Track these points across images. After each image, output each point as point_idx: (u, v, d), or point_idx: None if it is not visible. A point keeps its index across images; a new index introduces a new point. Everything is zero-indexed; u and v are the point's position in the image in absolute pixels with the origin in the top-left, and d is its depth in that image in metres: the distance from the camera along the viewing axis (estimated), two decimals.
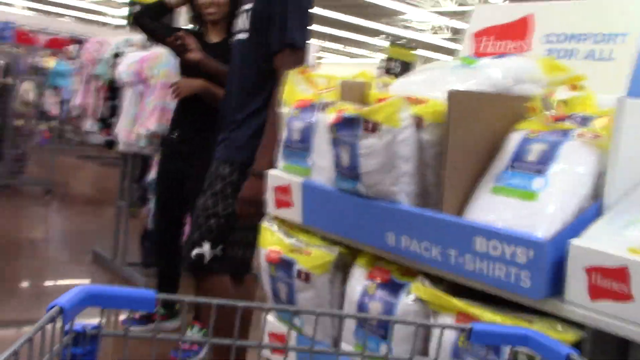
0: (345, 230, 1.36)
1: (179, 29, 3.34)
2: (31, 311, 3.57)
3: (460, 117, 1.22)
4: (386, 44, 29.17)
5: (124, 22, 4.78)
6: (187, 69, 3.07)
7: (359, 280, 1.33)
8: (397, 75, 8.69)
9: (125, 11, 6.52)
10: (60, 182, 7.57)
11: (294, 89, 1.53)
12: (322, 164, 1.39)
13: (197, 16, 3.09)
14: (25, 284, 4.37)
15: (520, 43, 1.91)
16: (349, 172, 1.29)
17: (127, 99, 4.43)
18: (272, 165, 2.11)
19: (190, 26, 3.39)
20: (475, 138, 1.25)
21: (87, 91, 5.45)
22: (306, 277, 1.38)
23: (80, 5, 22.51)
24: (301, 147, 1.45)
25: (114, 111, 4.61)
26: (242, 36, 2.29)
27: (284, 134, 1.52)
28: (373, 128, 1.23)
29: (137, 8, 4.02)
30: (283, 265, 1.42)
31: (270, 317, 1.56)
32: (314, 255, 1.38)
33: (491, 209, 1.17)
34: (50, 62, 7.64)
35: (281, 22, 2.11)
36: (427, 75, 1.40)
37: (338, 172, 1.33)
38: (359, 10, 23.21)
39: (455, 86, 1.27)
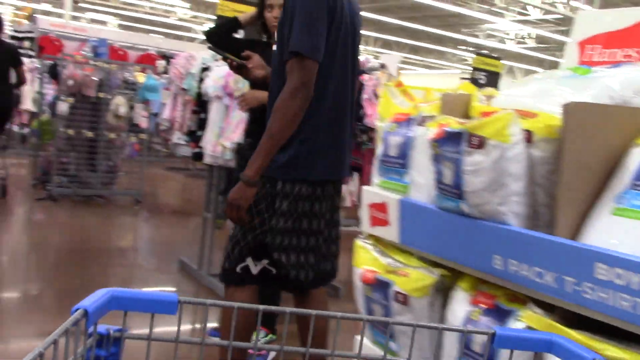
0: (446, 252, 1.29)
1: (250, 42, 3.38)
2: (119, 317, 3.67)
3: (576, 131, 1.12)
4: (466, 54, 28.68)
5: None
6: (255, 81, 3.12)
7: (461, 305, 1.25)
8: (483, 86, 8.46)
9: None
10: (149, 193, 7.81)
11: (390, 102, 1.47)
12: (421, 181, 1.33)
13: (266, 29, 3.15)
14: None
15: (631, 51, 1.77)
16: (452, 190, 1.22)
17: (214, 112, 4.52)
18: (260, 172, 2.05)
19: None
20: (592, 154, 1.15)
21: (175, 105, 5.61)
22: (404, 299, 1.32)
23: (169, 22, 23.42)
24: (399, 162, 1.38)
25: (201, 124, 4.70)
26: (274, 47, 2.27)
27: (379, 149, 1.46)
28: (479, 144, 1.15)
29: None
30: (379, 286, 1.36)
31: (364, 340, 1.49)
32: (413, 277, 1.31)
33: (612, 232, 1.07)
34: (141, 77, 7.94)
35: (289, 30, 2.06)
36: (535, 87, 1.31)
37: (440, 190, 1.26)
38: (439, 21, 22.92)
39: (570, 98, 1.18)
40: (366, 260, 1.42)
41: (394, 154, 1.40)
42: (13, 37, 13.29)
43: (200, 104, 4.81)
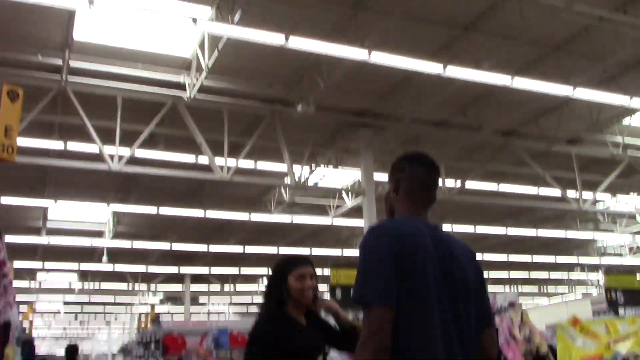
0: None
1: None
2: None
3: None
4: (582, 276, 27.27)
5: None
6: None
7: None
8: (623, 305, 7.73)
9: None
10: None
11: (571, 346, 1.23)
12: None
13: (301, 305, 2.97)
14: None
15: None
16: None
17: None
18: None
19: None
20: None
21: None
22: None
23: None
24: None
25: None
26: None
27: None
28: None
29: None
30: None
31: None
32: None
33: None
34: None
35: None
36: None
37: None
38: (547, 250, 22.43)
39: None
40: None
41: None
42: (139, 343, 13.89)
43: None
